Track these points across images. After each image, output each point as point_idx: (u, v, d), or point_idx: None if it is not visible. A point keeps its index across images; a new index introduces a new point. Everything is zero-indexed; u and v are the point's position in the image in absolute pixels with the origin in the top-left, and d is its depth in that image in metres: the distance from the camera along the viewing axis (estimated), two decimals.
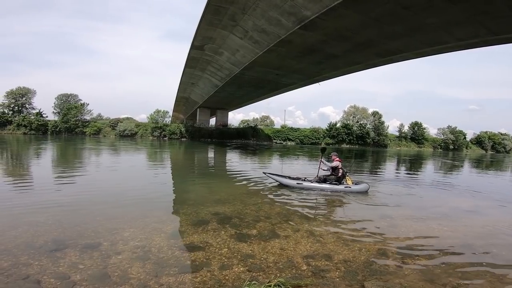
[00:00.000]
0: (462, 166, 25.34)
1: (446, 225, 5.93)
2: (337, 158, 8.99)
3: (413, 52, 15.11)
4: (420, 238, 5.05)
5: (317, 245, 4.41)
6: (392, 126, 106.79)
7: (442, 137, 69.36)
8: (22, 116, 53.48)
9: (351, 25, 12.70)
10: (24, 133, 49.81)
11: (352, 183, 8.79)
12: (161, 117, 59.86)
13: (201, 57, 24.41)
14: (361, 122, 61.03)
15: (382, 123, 61.42)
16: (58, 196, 6.76)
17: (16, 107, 56.52)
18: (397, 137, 65.79)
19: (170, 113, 62.12)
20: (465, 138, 71.14)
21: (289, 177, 9.13)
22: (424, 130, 67.49)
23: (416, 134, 65.75)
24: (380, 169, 18.60)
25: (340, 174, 8.81)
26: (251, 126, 60.44)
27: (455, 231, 5.60)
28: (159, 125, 51.77)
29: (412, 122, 67.12)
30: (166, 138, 48.94)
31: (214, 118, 55.36)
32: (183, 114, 63.54)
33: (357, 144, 56.73)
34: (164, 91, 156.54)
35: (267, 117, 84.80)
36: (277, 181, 9.14)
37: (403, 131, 66.36)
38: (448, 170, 20.62)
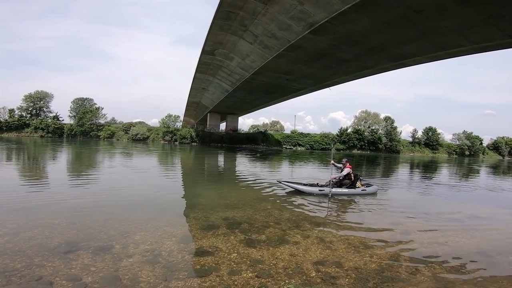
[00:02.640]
0: (478, 172, 24.55)
1: (462, 232, 5.76)
2: (348, 164, 9.17)
3: (426, 56, 14.85)
4: (434, 245, 4.91)
5: (327, 252, 4.35)
6: (405, 132, 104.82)
7: (458, 142, 67.47)
8: (40, 119, 55.28)
9: (362, 29, 12.63)
10: (41, 136, 51.48)
11: (362, 185, 9.11)
12: (173, 121, 60.74)
13: (211, 62, 24.72)
14: (373, 128, 60.11)
15: (395, 128, 60.30)
16: (73, 198, 6.93)
17: (34, 111, 58.51)
18: (410, 142, 64.37)
19: (181, 118, 63.01)
20: (481, 143, 68.91)
21: (304, 184, 9.09)
22: (439, 136, 65.82)
23: (430, 140, 64.14)
24: (392, 174, 18.24)
25: (353, 178, 9.08)
26: (261, 131, 60.46)
27: (471, 238, 5.44)
28: (170, 130, 52.51)
29: (426, 127, 65.61)
30: (177, 143, 49.55)
31: (224, 123, 55.75)
32: (193, 119, 64.32)
33: (368, 150, 55.86)
34: (175, 95, 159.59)
35: (277, 122, 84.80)
36: (294, 189, 8.88)
37: (416, 136, 64.93)
38: (464, 176, 20.01)
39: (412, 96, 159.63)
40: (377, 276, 3.61)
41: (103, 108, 58.21)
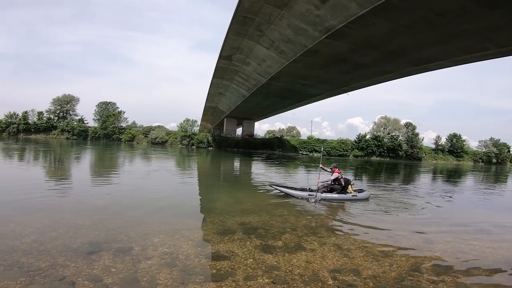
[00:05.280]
0: (506, 181, 23.23)
1: (488, 241, 5.51)
2: (337, 170, 9.17)
3: (450, 60, 14.34)
4: (458, 254, 4.72)
5: (345, 259, 4.26)
6: (427, 138, 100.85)
7: (484, 150, 64.37)
8: (66, 122, 57.94)
9: (380, 33, 12.41)
10: (67, 138, 53.88)
11: (354, 191, 9.04)
12: (190, 126, 61.87)
13: (228, 67, 25.06)
14: (393, 134, 58.44)
15: (416, 135, 58.27)
16: (95, 199, 7.19)
17: (61, 113, 61.42)
18: (433, 149, 62.05)
19: (198, 122, 64.01)
20: (509, 151, 65.39)
21: (295, 188, 9.20)
22: (464, 143, 63.08)
23: (454, 147, 61.54)
24: (413, 182, 17.62)
25: (344, 184, 9.00)
26: (277, 137, 60.32)
27: (498, 248, 5.19)
28: (188, 134, 53.46)
29: (450, 134, 63.11)
30: (194, 147, 50.32)
31: (241, 128, 56.12)
32: (210, 124, 65.19)
33: (388, 157, 54.28)
34: (193, 100, 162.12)
35: (293, 128, 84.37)
36: (285, 193, 8.93)
37: (439, 143, 62.51)
38: (491, 185, 19.00)
39: (434, 101, 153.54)
40: (396, 285, 3.51)
41: (124, 112, 60.19)
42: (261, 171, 19.36)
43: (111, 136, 54.43)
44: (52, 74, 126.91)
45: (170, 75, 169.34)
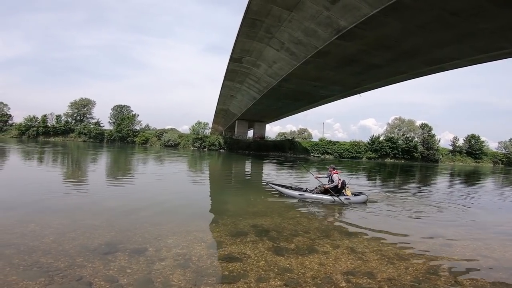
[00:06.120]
0: None
1: (510, 245, 5.29)
2: (334, 171, 9.05)
3: (465, 60, 13.94)
4: (478, 258, 4.57)
5: (359, 262, 4.20)
6: (444, 140, 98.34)
7: (504, 151, 62.01)
8: (83, 125, 59.79)
9: (393, 34, 12.20)
10: (84, 141, 55.57)
11: (352, 194, 8.81)
12: (202, 128, 62.53)
13: (239, 70, 25.21)
14: (408, 135, 57.12)
15: (432, 136, 56.77)
16: (111, 200, 7.39)
17: (79, 117, 63.38)
18: (450, 151, 60.29)
19: (210, 125, 64.63)
20: None
21: (291, 188, 9.34)
22: (483, 144, 60.98)
23: (473, 148, 59.59)
24: (430, 183, 17.16)
25: (339, 186, 8.83)
26: (288, 139, 60.08)
27: None
28: (200, 137, 54.05)
29: (468, 135, 61.20)
30: (205, 149, 50.80)
31: (252, 131, 56.26)
32: (222, 126, 65.65)
33: (402, 159, 53.08)
34: (205, 102, 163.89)
35: (305, 130, 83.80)
36: (279, 192, 9.27)
37: (457, 144, 60.67)
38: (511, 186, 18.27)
39: (451, 101, 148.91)
40: None
41: (138, 115, 61.52)
42: (273, 173, 19.32)
43: (125, 138, 55.64)
44: (69, 78, 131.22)
45: (182, 78, 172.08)
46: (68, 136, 57.74)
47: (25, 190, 8.36)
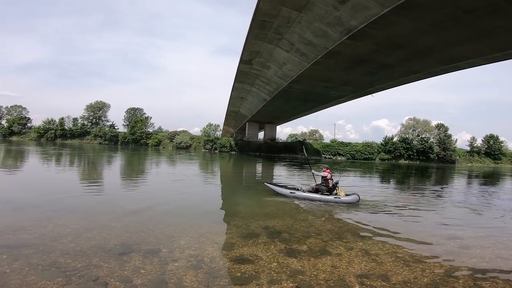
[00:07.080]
0: None
1: None
2: (327, 170, 9.29)
3: (481, 58, 13.53)
4: (498, 260, 4.44)
5: (373, 264, 4.13)
6: (461, 140, 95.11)
7: None
8: (99, 128, 61.27)
9: (405, 33, 11.98)
10: (100, 143, 56.89)
11: (344, 194, 8.87)
12: (213, 130, 62.95)
13: (249, 72, 25.28)
14: (423, 136, 55.67)
15: (449, 136, 55.09)
16: (126, 202, 7.56)
17: (94, 119, 65.03)
18: (467, 152, 58.39)
19: (221, 127, 65.01)
20: None
21: (286, 187, 9.67)
22: (502, 144, 58.77)
23: (491, 149, 57.49)
24: (448, 185, 16.68)
25: (330, 185, 9.05)
26: (300, 141, 59.69)
27: None
28: (211, 138, 54.45)
29: (487, 135, 59.08)
30: (217, 151, 51.11)
31: (262, 132, 56.22)
32: (232, 128, 65.94)
33: (417, 160, 51.75)
34: (216, 104, 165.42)
35: (316, 131, 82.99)
36: (273, 191, 9.67)
37: (475, 145, 58.69)
38: None
39: (468, 101, 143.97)
40: None
41: (151, 118, 62.56)
42: (284, 175, 19.24)
43: (139, 141, 56.64)
44: (83, 81, 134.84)
45: (193, 80, 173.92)
46: (84, 139, 59.27)
47: (44, 190, 8.67)
